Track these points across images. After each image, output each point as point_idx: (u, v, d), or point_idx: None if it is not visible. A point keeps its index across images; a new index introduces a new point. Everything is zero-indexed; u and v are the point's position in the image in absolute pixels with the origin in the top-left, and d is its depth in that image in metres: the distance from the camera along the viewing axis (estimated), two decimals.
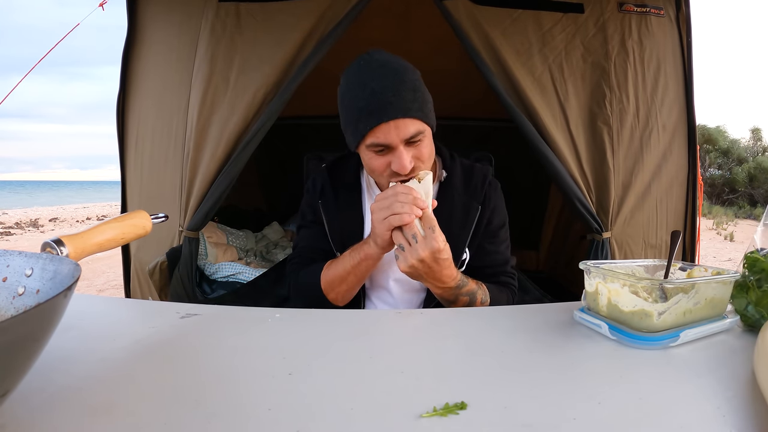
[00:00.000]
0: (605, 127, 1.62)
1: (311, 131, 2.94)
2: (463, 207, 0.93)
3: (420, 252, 0.74)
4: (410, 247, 0.74)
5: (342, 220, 0.94)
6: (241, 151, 1.55)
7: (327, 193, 0.95)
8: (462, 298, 0.83)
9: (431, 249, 0.74)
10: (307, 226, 0.99)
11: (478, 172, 0.97)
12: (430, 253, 0.74)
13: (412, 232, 0.74)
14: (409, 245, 0.75)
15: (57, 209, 15.57)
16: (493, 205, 0.96)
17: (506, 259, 0.98)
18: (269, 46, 1.55)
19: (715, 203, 12.52)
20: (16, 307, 0.45)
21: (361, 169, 0.98)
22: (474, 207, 0.93)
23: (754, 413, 0.40)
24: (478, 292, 0.85)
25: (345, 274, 0.86)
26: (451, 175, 0.96)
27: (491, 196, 0.96)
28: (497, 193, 0.98)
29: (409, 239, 0.75)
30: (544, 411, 0.41)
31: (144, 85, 1.79)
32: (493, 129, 2.74)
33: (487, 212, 0.95)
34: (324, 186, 0.96)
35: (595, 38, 1.63)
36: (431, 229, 0.74)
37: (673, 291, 0.56)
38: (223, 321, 0.64)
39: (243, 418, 0.39)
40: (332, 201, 0.94)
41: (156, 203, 1.72)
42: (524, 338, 0.58)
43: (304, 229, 1.00)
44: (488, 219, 0.95)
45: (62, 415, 0.39)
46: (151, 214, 0.65)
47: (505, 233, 0.99)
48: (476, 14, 1.56)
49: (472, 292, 0.84)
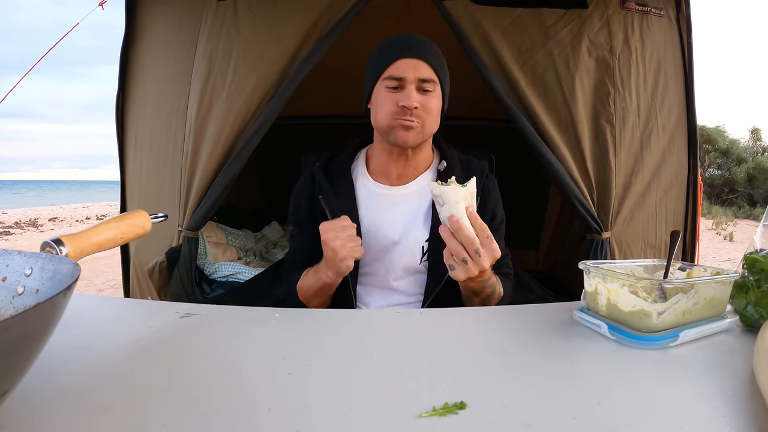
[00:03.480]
0: (608, 126, 1.62)
1: (311, 131, 2.94)
2: None
3: (484, 264, 0.73)
4: (473, 261, 0.73)
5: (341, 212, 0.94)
6: (240, 151, 1.54)
7: (325, 187, 0.97)
8: (486, 290, 0.85)
9: (492, 259, 0.74)
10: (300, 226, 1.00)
11: (476, 166, 1.01)
12: (492, 262, 0.75)
13: (474, 247, 0.72)
14: (472, 259, 0.73)
15: (56, 209, 15.55)
16: (494, 199, 0.99)
17: (507, 252, 1.00)
18: (268, 44, 1.55)
19: (714, 203, 12.53)
20: (15, 306, 0.45)
21: (350, 163, 1.01)
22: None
23: (754, 413, 0.40)
24: (497, 285, 0.88)
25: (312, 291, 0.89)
26: (450, 166, 0.99)
27: (490, 189, 0.99)
28: (496, 188, 1.01)
29: (472, 254, 0.73)
30: (543, 411, 0.41)
31: (143, 85, 1.79)
32: (492, 129, 2.74)
33: (489, 204, 0.98)
34: (320, 182, 0.98)
35: (601, 32, 1.61)
36: (489, 239, 0.74)
37: (673, 291, 0.56)
38: (223, 321, 0.64)
39: (243, 418, 0.39)
40: (331, 195, 0.96)
41: (155, 203, 1.72)
42: (524, 338, 0.58)
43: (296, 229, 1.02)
44: (492, 212, 0.98)
45: (62, 415, 0.39)
46: (150, 213, 0.65)
47: (504, 228, 1.02)
48: (476, 14, 1.56)
49: (493, 285, 0.86)
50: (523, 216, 2.71)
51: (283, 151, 2.94)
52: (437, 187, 0.74)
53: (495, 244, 0.74)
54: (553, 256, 2.68)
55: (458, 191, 0.72)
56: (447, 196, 0.72)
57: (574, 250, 2.32)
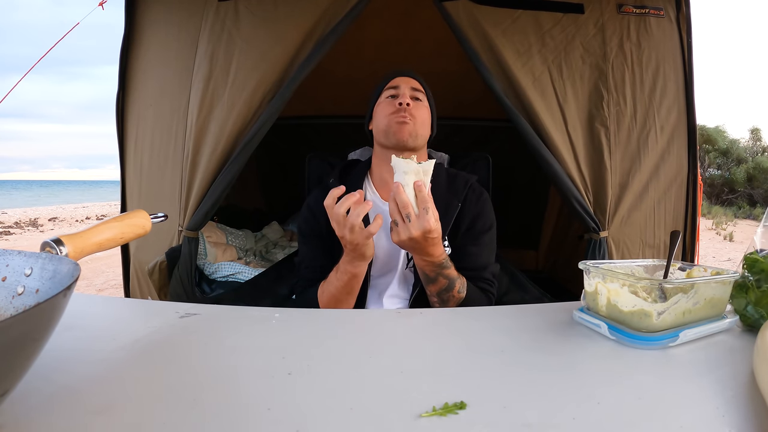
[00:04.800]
0: (602, 129, 1.63)
1: (312, 131, 2.94)
2: (444, 204, 0.99)
3: (413, 231, 0.78)
4: (404, 224, 0.78)
5: None
6: (241, 151, 1.54)
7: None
8: (441, 280, 0.88)
9: (423, 229, 0.78)
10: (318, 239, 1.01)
11: (461, 178, 1.06)
12: (422, 233, 0.78)
13: (407, 211, 0.77)
14: (403, 222, 0.78)
15: (56, 209, 15.55)
16: (478, 210, 1.02)
17: (486, 264, 1.00)
18: (269, 44, 1.55)
19: (714, 203, 12.53)
20: (15, 306, 0.45)
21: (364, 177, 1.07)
22: (454, 205, 1.00)
23: (754, 413, 0.40)
24: (457, 280, 0.90)
25: (338, 295, 0.90)
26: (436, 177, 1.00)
27: (472, 200, 1.03)
28: (482, 199, 1.04)
29: (403, 217, 0.78)
30: (543, 411, 0.41)
31: (143, 85, 1.79)
32: (492, 129, 2.75)
33: (469, 214, 1.01)
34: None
35: (595, 39, 1.64)
36: (425, 210, 0.78)
37: (673, 291, 0.56)
38: (223, 321, 0.64)
39: (242, 418, 0.39)
40: None
41: (155, 203, 1.72)
42: (524, 338, 0.58)
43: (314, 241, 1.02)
44: (471, 221, 1.01)
45: (62, 415, 0.39)
46: (150, 213, 0.65)
47: (490, 239, 1.03)
48: (476, 14, 1.56)
49: (452, 278, 0.88)
50: (523, 216, 2.71)
51: (283, 151, 2.95)
52: (394, 158, 0.82)
53: (430, 216, 0.78)
54: (552, 256, 2.68)
55: (410, 165, 0.80)
56: (398, 166, 0.81)
57: (573, 250, 2.32)
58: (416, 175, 0.79)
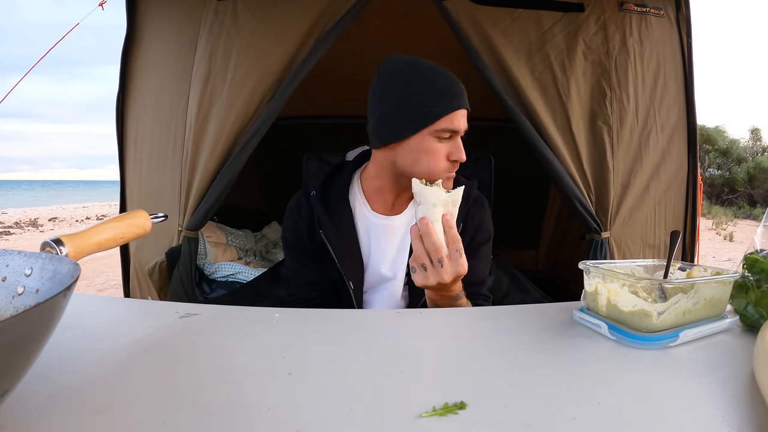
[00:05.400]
0: (605, 127, 1.63)
1: (311, 131, 2.94)
2: None
3: (445, 277, 0.70)
4: (434, 269, 0.70)
5: (344, 246, 0.92)
6: (240, 151, 1.54)
7: (324, 221, 0.91)
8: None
9: (456, 274, 0.71)
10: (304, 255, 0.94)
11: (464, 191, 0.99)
12: (455, 278, 0.72)
13: (439, 256, 0.69)
14: (432, 267, 0.71)
15: (56, 209, 15.55)
16: (477, 223, 0.96)
17: (483, 278, 0.96)
18: (268, 44, 1.55)
19: (714, 203, 12.53)
20: (15, 306, 0.45)
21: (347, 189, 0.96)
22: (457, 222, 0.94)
23: (754, 413, 0.40)
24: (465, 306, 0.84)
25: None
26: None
27: (474, 214, 0.96)
28: (482, 210, 0.98)
29: (434, 262, 0.70)
30: (543, 411, 0.41)
31: (143, 85, 1.79)
32: (493, 129, 2.74)
33: (470, 230, 0.95)
34: (320, 216, 0.92)
35: (597, 36, 1.63)
36: (458, 252, 0.71)
37: (673, 291, 0.56)
38: (223, 321, 0.64)
39: (242, 418, 0.39)
40: (331, 229, 0.91)
41: (155, 203, 1.72)
42: (524, 338, 0.58)
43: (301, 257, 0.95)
44: (471, 236, 0.95)
45: (62, 415, 0.39)
46: (150, 213, 0.65)
47: (487, 250, 0.98)
48: (476, 14, 1.56)
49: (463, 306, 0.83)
50: (523, 216, 2.71)
51: (283, 151, 2.94)
52: (418, 184, 0.71)
53: (464, 260, 0.71)
54: (553, 257, 2.68)
55: (438, 194, 0.70)
56: (425, 196, 0.70)
57: (573, 251, 2.32)
58: (444, 207, 0.70)
